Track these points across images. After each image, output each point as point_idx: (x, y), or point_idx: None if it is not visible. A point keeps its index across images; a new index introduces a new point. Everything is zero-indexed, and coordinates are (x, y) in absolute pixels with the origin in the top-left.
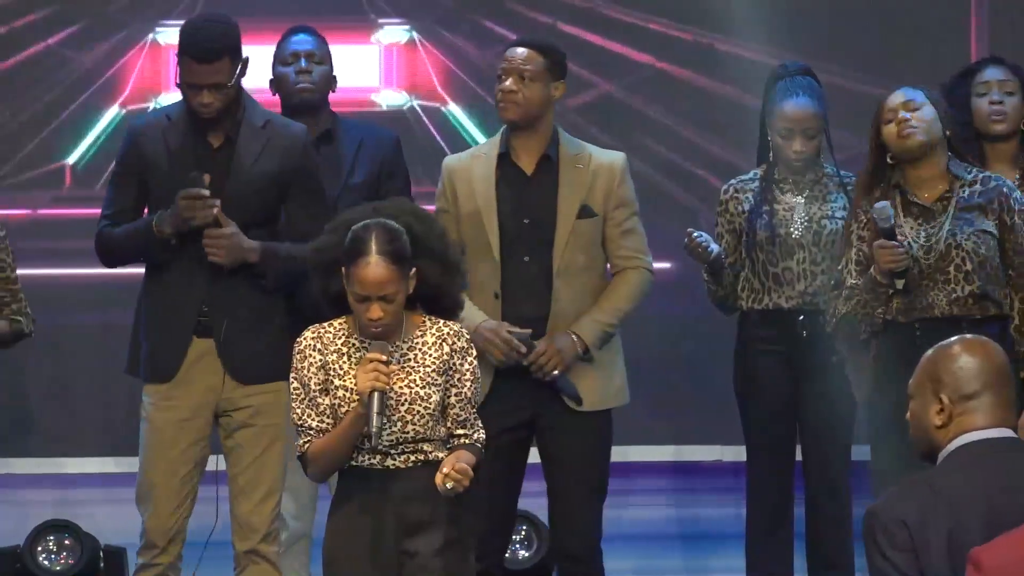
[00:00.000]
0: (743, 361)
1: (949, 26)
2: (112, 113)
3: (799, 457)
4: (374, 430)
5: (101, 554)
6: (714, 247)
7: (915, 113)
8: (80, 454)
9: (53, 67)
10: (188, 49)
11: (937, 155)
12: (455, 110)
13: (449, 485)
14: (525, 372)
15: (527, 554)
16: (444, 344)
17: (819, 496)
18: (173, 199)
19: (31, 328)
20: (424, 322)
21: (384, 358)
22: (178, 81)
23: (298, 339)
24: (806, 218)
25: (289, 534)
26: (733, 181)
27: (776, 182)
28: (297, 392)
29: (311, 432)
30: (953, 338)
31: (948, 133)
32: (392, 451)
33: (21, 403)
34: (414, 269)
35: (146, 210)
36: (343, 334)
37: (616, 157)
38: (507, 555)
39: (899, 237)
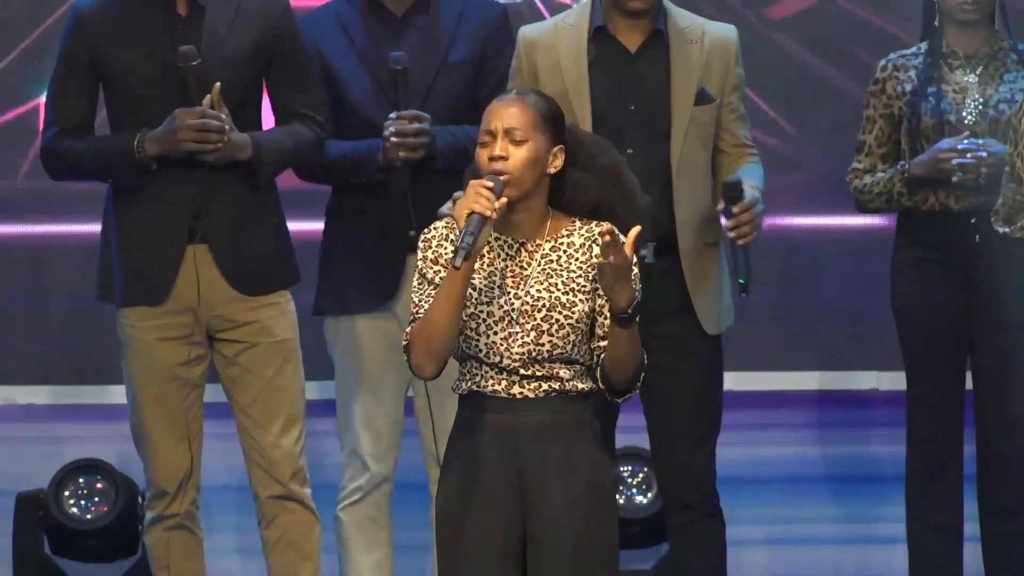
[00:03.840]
0: (903, 272)
1: None
2: None
3: (969, 386)
4: (461, 245)
5: (139, 499)
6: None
7: None
8: (113, 381)
9: None
10: None
11: None
12: None
13: (607, 241)
14: None
15: (644, 499)
16: (595, 246)
17: (994, 433)
18: (138, 88)
19: None
20: (573, 223)
21: (490, 184)
22: None
23: (426, 229)
24: (980, 101)
25: (369, 478)
26: (892, 56)
27: (944, 57)
28: (418, 284)
29: (420, 316)
30: None
31: None
32: (522, 370)
33: (41, 324)
34: (560, 147)
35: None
36: None
37: (730, 30)
38: (620, 502)
39: None
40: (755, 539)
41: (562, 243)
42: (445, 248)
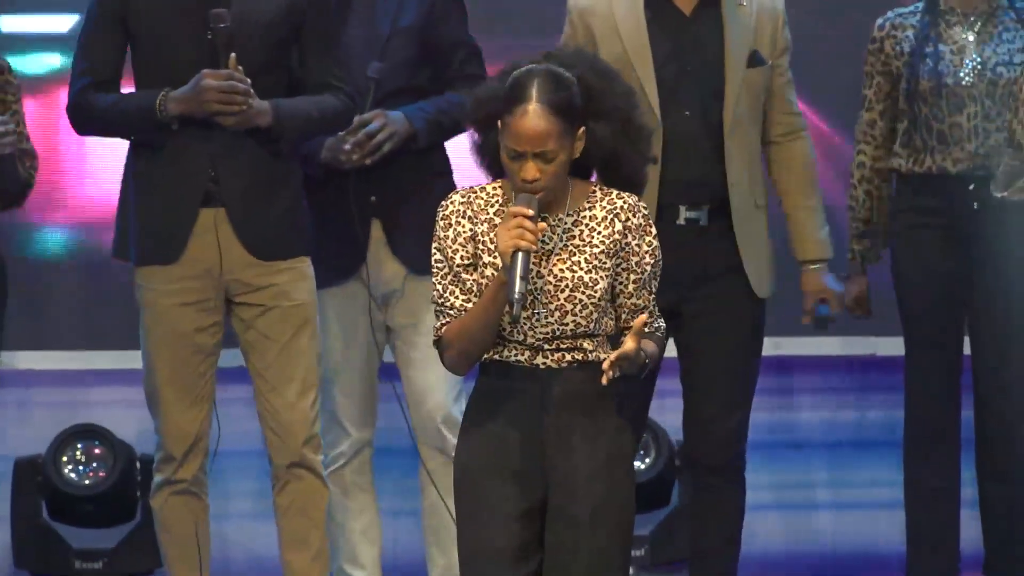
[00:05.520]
0: (901, 237)
1: None
2: None
3: (967, 351)
4: (516, 297)
5: (137, 464)
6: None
7: None
8: (111, 346)
9: None
10: None
11: None
12: None
13: (615, 374)
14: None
15: (643, 465)
16: (616, 220)
17: (992, 398)
18: (167, 48)
19: (32, 183)
20: (594, 192)
21: (530, 212)
22: None
23: (443, 203)
24: (978, 62)
25: (351, 443)
26: (890, 14)
27: (942, 14)
28: (439, 266)
29: (452, 312)
30: None
31: None
32: (546, 346)
33: (37, 287)
34: (583, 129)
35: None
36: (496, 201)
37: None
38: None
39: None
40: (751, 504)
41: (584, 216)
42: (464, 226)
